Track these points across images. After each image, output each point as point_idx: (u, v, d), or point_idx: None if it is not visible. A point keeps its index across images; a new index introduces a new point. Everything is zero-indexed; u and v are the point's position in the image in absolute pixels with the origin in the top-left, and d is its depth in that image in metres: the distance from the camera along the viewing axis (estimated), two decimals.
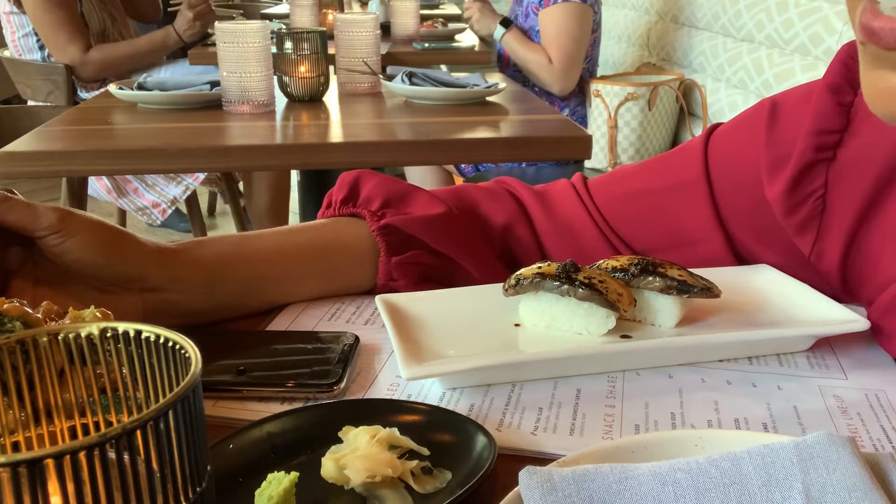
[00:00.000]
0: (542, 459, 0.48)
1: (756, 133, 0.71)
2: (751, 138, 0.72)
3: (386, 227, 0.74)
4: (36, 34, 2.68)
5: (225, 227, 3.62)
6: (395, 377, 0.60)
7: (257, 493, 0.43)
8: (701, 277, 0.64)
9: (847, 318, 0.62)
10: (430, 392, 0.59)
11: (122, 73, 2.73)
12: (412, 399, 0.57)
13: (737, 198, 0.73)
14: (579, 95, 2.89)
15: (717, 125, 0.77)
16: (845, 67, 0.65)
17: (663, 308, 0.64)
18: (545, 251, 0.79)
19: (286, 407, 0.57)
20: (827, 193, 0.66)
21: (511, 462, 0.48)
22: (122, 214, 2.92)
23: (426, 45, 2.62)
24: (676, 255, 0.75)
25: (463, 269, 0.76)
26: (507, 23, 2.81)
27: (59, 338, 0.40)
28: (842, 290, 0.69)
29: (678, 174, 0.76)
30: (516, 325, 0.66)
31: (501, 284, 0.66)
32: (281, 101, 1.78)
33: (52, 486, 0.30)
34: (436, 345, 0.62)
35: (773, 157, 0.69)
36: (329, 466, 0.47)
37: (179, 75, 2.13)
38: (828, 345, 0.65)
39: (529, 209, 0.80)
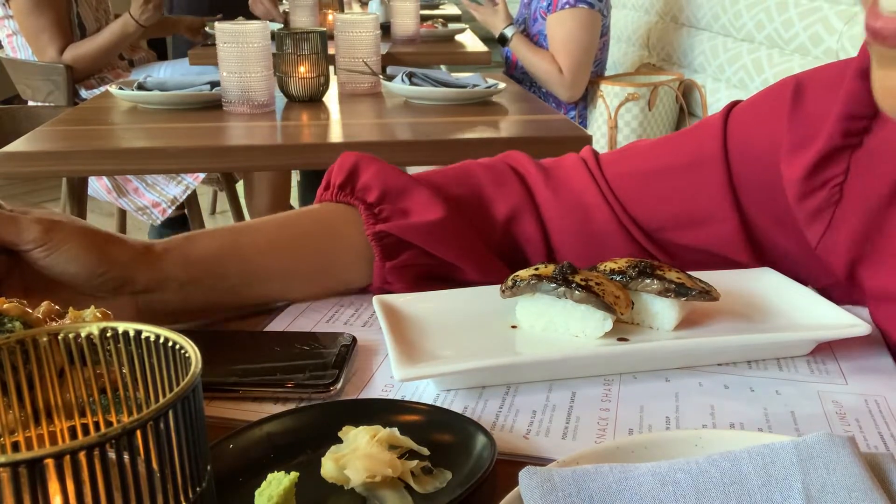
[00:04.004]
0: (532, 463, 0.48)
1: (778, 111, 0.69)
2: (772, 116, 0.70)
3: (381, 232, 0.73)
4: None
5: None
6: (389, 378, 0.60)
7: (257, 493, 0.43)
8: (700, 280, 0.64)
9: (848, 323, 0.62)
10: (425, 393, 0.59)
11: (97, 68, 2.75)
12: (406, 400, 0.57)
13: (754, 177, 0.71)
14: (585, 98, 2.89)
15: (736, 102, 0.75)
16: None
17: (661, 311, 0.64)
18: (550, 239, 0.77)
19: (283, 407, 0.57)
20: (846, 181, 0.65)
21: (501, 465, 0.48)
22: (123, 214, 2.92)
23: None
24: (688, 235, 0.74)
25: (461, 268, 0.75)
26: (503, 39, 2.81)
27: (59, 338, 0.40)
28: (846, 280, 0.68)
29: (695, 151, 0.74)
30: (513, 326, 0.66)
31: (498, 286, 0.66)
32: (281, 102, 1.78)
33: (53, 486, 0.30)
34: (431, 346, 0.62)
35: (795, 136, 0.67)
36: (329, 466, 0.47)
37: (179, 75, 2.14)
38: (829, 349, 0.64)
39: (536, 192, 0.78)
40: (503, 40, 2.82)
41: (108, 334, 0.40)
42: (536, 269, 0.64)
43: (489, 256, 0.76)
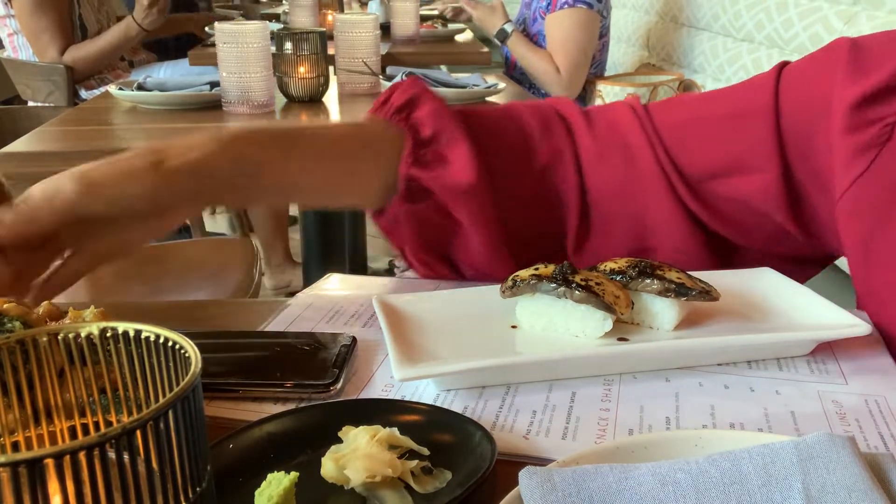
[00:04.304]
0: (532, 463, 0.48)
1: (834, 63, 0.69)
2: (827, 68, 0.70)
3: (414, 175, 0.74)
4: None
5: (225, 226, 3.62)
6: (389, 378, 0.60)
7: (257, 493, 0.43)
8: (700, 280, 0.64)
9: (848, 323, 0.62)
10: (425, 393, 0.59)
11: (97, 69, 2.76)
12: (406, 400, 0.57)
13: (802, 129, 0.71)
14: (584, 98, 2.90)
15: (787, 62, 0.76)
16: None
17: (661, 311, 0.64)
18: (586, 184, 0.77)
19: (282, 407, 0.57)
20: None
21: (501, 465, 0.48)
22: None
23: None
24: (730, 185, 0.74)
25: (467, 240, 0.76)
26: (503, 35, 2.81)
27: (59, 338, 0.40)
28: (856, 253, 0.67)
29: (745, 101, 0.74)
30: (513, 326, 0.66)
31: (499, 286, 0.66)
32: (281, 102, 1.78)
33: (53, 486, 0.30)
34: (431, 346, 0.62)
35: (854, 66, 0.66)
36: (329, 466, 0.47)
37: (179, 76, 2.14)
38: (829, 349, 0.64)
39: (578, 136, 0.78)
40: (503, 36, 2.82)
41: (108, 334, 0.40)
42: (536, 269, 0.64)
43: (500, 232, 0.76)
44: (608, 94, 2.84)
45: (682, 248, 0.76)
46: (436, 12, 3.62)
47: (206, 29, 3.06)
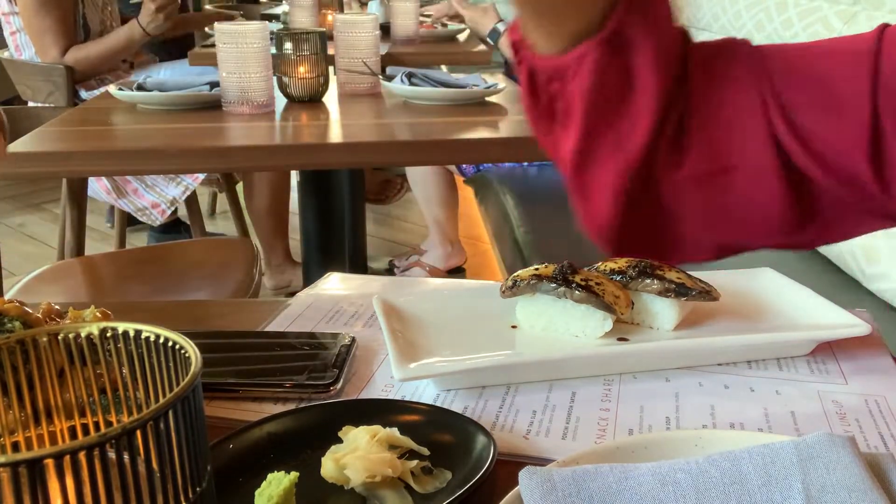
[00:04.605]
0: (532, 463, 0.48)
1: None
2: None
3: (627, 21, 0.74)
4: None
5: (225, 226, 3.62)
6: (389, 378, 0.60)
7: (257, 493, 0.43)
8: (700, 280, 0.64)
9: (849, 323, 0.62)
10: (425, 393, 0.59)
11: (99, 71, 2.76)
12: (406, 400, 0.57)
13: None
14: None
15: (888, 24, 0.78)
16: None
17: (661, 311, 0.64)
18: (689, 93, 0.79)
19: (283, 407, 0.57)
20: None
21: (501, 465, 0.48)
22: (123, 215, 2.92)
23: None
24: (818, 119, 0.75)
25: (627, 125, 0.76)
26: (496, 35, 2.81)
27: (59, 338, 0.40)
28: None
29: (848, 43, 0.76)
30: (513, 326, 0.66)
31: (499, 285, 0.67)
32: (281, 102, 1.78)
33: (53, 486, 0.30)
34: (431, 346, 0.62)
35: None
36: (329, 466, 0.47)
37: (179, 76, 2.14)
38: (829, 349, 0.64)
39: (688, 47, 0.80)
40: (496, 37, 2.82)
41: (108, 334, 0.40)
42: (536, 269, 0.64)
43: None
44: None
45: (763, 176, 0.78)
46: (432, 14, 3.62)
47: (206, 29, 3.07)
